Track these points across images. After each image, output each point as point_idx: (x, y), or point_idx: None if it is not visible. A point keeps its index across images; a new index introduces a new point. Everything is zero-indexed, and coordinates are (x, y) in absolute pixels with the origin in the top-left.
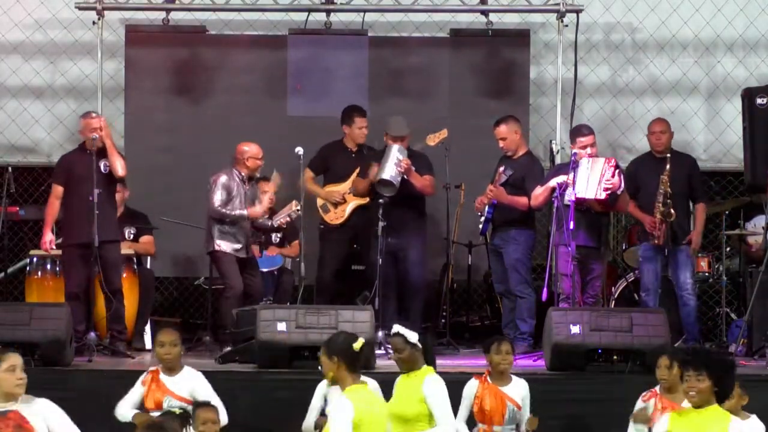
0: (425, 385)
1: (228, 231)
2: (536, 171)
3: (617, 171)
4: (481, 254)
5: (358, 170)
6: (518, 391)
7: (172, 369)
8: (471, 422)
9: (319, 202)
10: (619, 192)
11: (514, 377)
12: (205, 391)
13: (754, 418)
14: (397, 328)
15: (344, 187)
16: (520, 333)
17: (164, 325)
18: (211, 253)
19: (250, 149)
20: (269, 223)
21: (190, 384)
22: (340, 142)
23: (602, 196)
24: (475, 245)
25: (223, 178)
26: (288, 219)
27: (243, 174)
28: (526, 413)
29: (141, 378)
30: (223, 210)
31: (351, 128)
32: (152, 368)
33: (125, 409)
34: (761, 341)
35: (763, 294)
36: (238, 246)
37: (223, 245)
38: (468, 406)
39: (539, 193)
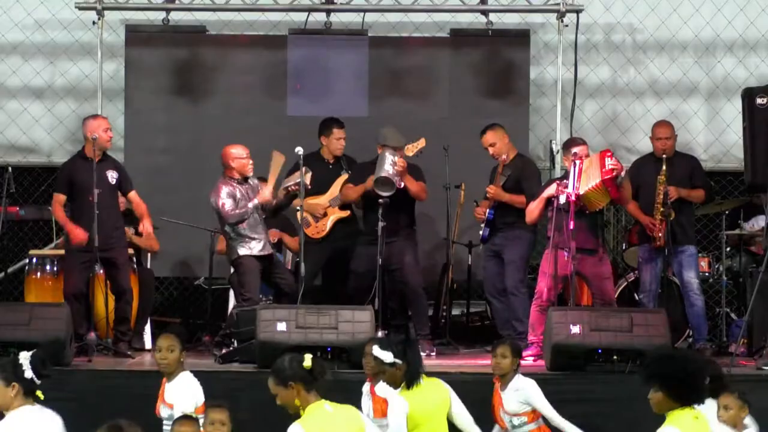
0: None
1: (246, 234)
2: (531, 169)
3: (615, 158)
4: (481, 254)
5: (344, 177)
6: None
7: (170, 374)
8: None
9: (299, 215)
10: (623, 174)
11: (518, 377)
12: (185, 398)
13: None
14: (375, 351)
15: (324, 199)
16: (517, 333)
17: (167, 329)
18: (235, 262)
19: (236, 151)
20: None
21: (180, 390)
22: (317, 153)
23: (607, 176)
24: (475, 245)
25: (223, 189)
26: (296, 187)
27: (236, 177)
28: (544, 409)
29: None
30: (238, 211)
31: (329, 139)
32: None
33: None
34: (761, 341)
35: (764, 294)
36: (259, 246)
37: (245, 250)
38: None
39: (533, 207)
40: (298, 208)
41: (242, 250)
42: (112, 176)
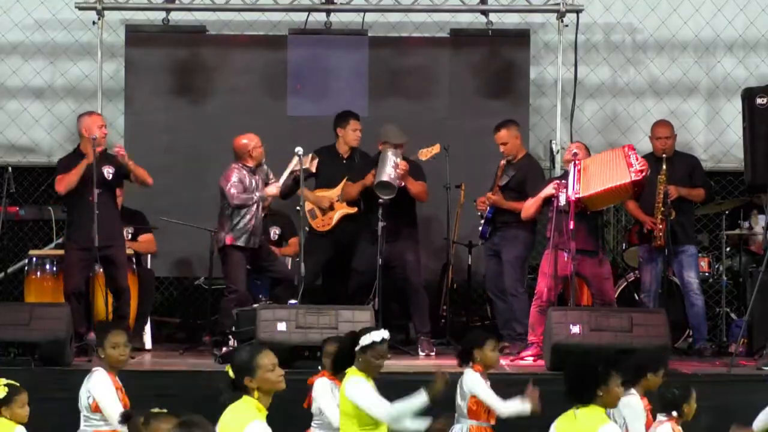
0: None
1: (241, 225)
2: (537, 172)
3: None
4: (481, 254)
5: (346, 178)
6: None
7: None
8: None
9: (308, 206)
10: (648, 173)
11: None
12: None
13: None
14: (386, 335)
15: (333, 193)
16: (517, 334)
17: (114, 326)
18: (222, 250)
19: (251, 141)
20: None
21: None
22: (332, 147)
23: (638, 177)
24: (475, 245)
25: (235, 175)
26: (298, 171)
27: (250, 166)
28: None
29: (108, 381)
30: (243, 196)
31: (345, 130)
32: (101, 369)
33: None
34: (761, 341)
35: (764, 294)
36: (246, 238)
37: (232, 239)
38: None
39: (530, 204)
40: (298, 208)
41: (229, 240)
42: (108, 172)
